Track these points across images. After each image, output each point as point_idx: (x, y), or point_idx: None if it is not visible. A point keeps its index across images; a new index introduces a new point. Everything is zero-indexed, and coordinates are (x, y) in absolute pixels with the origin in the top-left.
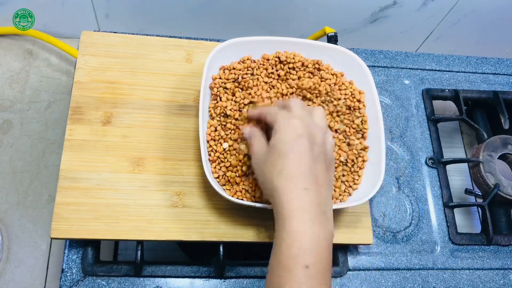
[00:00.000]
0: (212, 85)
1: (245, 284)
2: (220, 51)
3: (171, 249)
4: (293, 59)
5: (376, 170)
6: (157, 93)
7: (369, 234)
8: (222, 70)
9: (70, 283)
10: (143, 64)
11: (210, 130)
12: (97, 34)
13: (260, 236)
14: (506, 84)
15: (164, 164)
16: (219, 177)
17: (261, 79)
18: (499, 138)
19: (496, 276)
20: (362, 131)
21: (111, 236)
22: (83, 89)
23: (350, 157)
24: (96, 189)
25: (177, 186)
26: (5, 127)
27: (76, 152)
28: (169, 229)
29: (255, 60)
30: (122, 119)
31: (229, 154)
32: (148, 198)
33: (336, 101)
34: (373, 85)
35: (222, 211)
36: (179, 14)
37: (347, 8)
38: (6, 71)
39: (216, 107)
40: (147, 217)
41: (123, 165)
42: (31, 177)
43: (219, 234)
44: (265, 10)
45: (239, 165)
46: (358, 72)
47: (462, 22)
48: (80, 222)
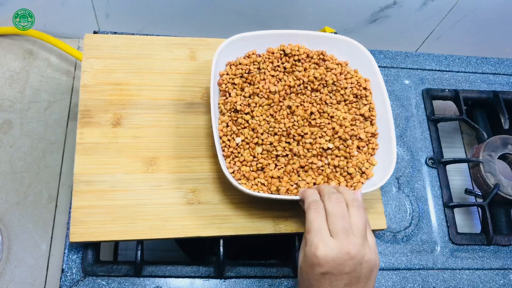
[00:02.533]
0: (220, 82)
1: (245, 284)
2: (225, 47)
3: (171, 249)
4: (298, 51)
5: (387, 155)
6: (164, 92)
7: (382, 219)
8: (229, 66)
9: (70, 283)
10: (148, 64)
11: (222, 126)
12: (100, 36)
13: (277, 228)
14: (506, 84)
15: (177, 162)
16: (234, 172)
17: (267, 73)
18: (499, 138)
19: (496, 276)
20: (371, 118)
21: (130, 236)
22: (90, 92)
23: (361, 145)
24: (111, 191)
25: (191, 183)
26: (5, 127)
27: (88, 156)
28: (187, 226)
29: (260, 54)
30: (131, 120)
31: (242, 148)
32: (164, 197)
33: (343, 90)
34: (378, 71)
35: (238, 206)
36: (179, 14)
37: (347, 8)
38: (6, 71)
39: (226, 103)
40: (163, 215)
41: (136, 165)
42: (31, 177)
43: (237, 228)
44: (265, 10)
45: (253, 160)
46: (362, 60)
47: (462, 22)
48: (98, 225)
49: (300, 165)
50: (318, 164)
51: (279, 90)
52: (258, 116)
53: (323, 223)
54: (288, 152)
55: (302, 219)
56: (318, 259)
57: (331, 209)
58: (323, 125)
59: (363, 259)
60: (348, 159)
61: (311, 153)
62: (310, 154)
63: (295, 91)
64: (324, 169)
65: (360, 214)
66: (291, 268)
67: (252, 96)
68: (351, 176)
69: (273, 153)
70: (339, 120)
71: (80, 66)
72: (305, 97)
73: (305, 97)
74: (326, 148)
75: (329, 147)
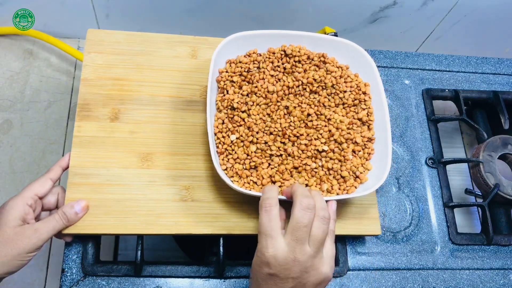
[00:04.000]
0: (219, 79)
1: (245, 284)
2: (226, 45)
3: (171, 249)
4: (299, 52)
5: (382, 161)
6: (164, 89)
7: (376, 225)
8: (229, 63)
9: (70, 283)
10: (149, 61)
11: (217, 122)
12: (103, 31)
13: None
14: (506, 84)
15: (172, 159)
16: (227, 169)
17: (267, 72)
18: (499, 138)
19: (496, 276)
20: (368, 123)
21: (122, 230)
22: (90, 86)
23: (356, 149)
24: (105, 185)
25: (185, 180)
26: (5, 127)
27: (85, 149)
28: (179, 223)
29: (261, 53)
30: (129, 115)
31: (237, 146)
32: (157, 193)
33: (342, 93)
34: (378, 77)
35: (232, 205)
36: (179, 14)
37: (347, 8)
38: (6, 71)
39: (223, 100)
40: (156, 211)
41: (132, 160)
42: (31, 177)
43: (229, 227)
44: (265, 10)
45: (246, 158)
46: (363, 65)
47: (462, 22)
48: (91, 218)
49: (293, 165)
50: (312, 165)
51: (277, 90)
52: (255, 115)
53: (275, 225)
54: (282, 152)
55: None
56: (266, 260)
57: (297, 216)
58: (319, 127)
59: (311, 268)
60: (343, 162)
61: (305, 154)
62: (305, 156)
63: (294, 92)
64: (318, 171)
65: (322, 226)
66: None
67: (250, 94)
68: (344, 180)
69: (267, 152)
70: (336, 123)
71: (80, 66)
72: (303, 99)
73: (303, 98)
74: (321, 150)
75: (324, 149)
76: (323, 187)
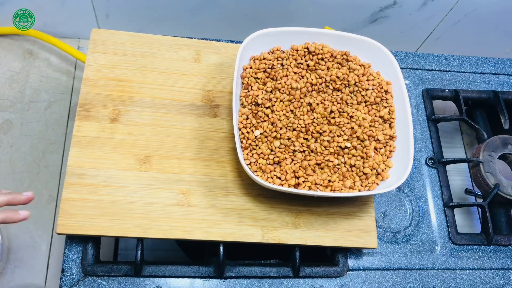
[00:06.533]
0: (244, 75)
1: (245, 284)
2: (250, 41)
3: (171, 249)
4: (322, 50)
5: (404, 159)
6: (165, 92)
7: (373, 237)
8: (253, 60)
9: (70, 283)
10: (152, 63)
11: (241, 118)
12: (107, 32)
13: (265, 237)
14: (506, 84)
15: (170, 162)
16: (251, 164)
17: (290, 69)
18: (499, 138)
19: (496, 276)
20: (390, 121)
21: (116, 233)
22: (92, 86)
23: (378, 146)
24: (102, 186)
25: (183, 185)
26: (5, 127)
27: (83, 149)
28: (174, 228)
29: (284, 50)
30: (130, 117)
31: (261, 141)
32: (154, 196)
33: (364, 91)
34: (400, 75)
35: (227, 211)
36: (179, 14)
37: (347, 8)
38: (6, 71)
39: (247, 96)
40: (152, 215)
41: (129, 162)
42: (31, 177)
43: (224, 234)
44: (265, 10)
45: (270, 153)
46: (385, 63)
47: (462, 22)
48: (86, 218)
49: (316, 161)
50: (335, 162)
51: (300, 87)
52: (278, 111)
53: None
54: (305, 148)
55: (292, 230)
56: None
57: None
58: (342, 124)
59: None
60: (365, 159)
61: (328, 150)
62: (327, 152)
63: (317, 89)
64: (340, 168)
65: None
66: (291, 268)
67: (274, 91)
68: (367, 176)
69: (291, 148)
70: (358, 120)
71: (80, 66)
72: (326, 96)
73: (326, 95)
74: (344, 147)
75: (347, 146)
76: (346, 184)
